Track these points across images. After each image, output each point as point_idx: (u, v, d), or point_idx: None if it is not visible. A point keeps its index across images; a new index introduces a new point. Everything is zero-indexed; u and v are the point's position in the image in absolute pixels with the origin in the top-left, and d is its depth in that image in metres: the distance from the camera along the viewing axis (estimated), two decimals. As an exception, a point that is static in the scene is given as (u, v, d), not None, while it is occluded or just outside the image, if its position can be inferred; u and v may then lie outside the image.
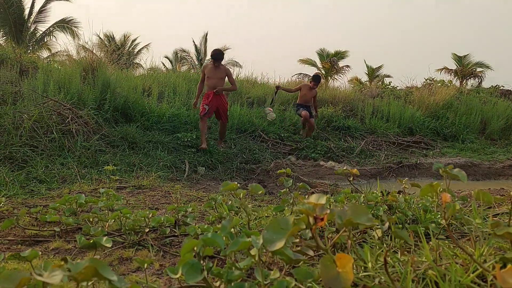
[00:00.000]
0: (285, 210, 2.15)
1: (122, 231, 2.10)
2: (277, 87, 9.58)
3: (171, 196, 3.95)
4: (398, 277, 1.11)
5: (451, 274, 1.07)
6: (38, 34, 23.22)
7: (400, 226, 1.98)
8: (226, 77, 7.46)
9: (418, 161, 8.78)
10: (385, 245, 1.43)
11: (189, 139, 7.39)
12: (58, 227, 2.18)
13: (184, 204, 3.03)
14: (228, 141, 8.32)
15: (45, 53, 21.63)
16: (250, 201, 3.66)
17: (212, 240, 1.03)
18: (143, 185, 4.58)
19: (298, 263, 1.30)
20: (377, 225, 1.38)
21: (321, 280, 1.06)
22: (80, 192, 3.62)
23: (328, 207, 2.00)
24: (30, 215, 2.49)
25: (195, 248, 1.06)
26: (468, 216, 1.60)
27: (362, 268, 1.16)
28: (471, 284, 1.04)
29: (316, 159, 8.45)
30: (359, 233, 1.81)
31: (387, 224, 1.39)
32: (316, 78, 9.54)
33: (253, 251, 1.03)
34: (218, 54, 7.35)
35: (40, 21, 23.21)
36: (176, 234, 2.08)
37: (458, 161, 8.99)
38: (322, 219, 0.84)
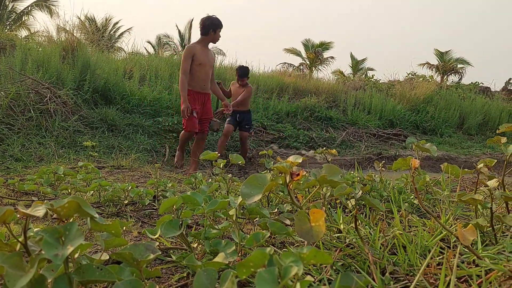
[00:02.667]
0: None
1: (100, 202, 2.11)
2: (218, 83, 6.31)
3: (151, 176, 3.95)
4: (368, 240, 1.16)
5: (418, 238, 1.13)
6: (16, 13, 22.59)
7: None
8: None
9: (397, 153, 8.94)
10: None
11: (170, 124, 7.36)
12: (35, 197, 2.18)
13: (163, 183, 3.04)
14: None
15: (23, 33, 21.08)
16: (232, 184, 3.70)
17: (191, 198, 1.06)
18: (122, 166, 4.56)
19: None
20: (351, 194, 1.43)
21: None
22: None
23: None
24: (7, 186, 2.47)
25: (174, 207, 1.09)
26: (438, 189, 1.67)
27: (336, 230, 1.20)
28: (436, 248, 1.09)
29: (298, 148, 8.53)
30: (334, 209, 1.86)
31: (360, 192, 1.44)
32: (240, 71, 6.53)
33: (231, 212, 1.06)
34: (219, 23, 4.96)
35: (17, 0, 22.57)
36: (155, 207, 2.10)
37: (436, 155, 9.20)
38: (298, 175, 0.88)
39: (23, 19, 22.59)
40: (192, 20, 28.26)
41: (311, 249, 0.61)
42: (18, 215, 0.69)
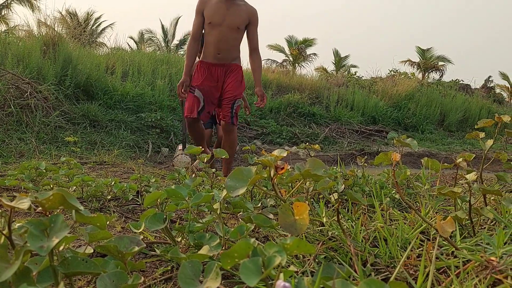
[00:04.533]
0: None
1: (83, 198, 2.09)
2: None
3: (134, 172, 3.92)
4: (351, 234, 1.18)
5: (399, 231, 1.15)
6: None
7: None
8: (247, 29, 3.69)
9: (380, 149, 9.04)
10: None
11: (153, 120, 7.32)
12: (17, 192, 2.15)
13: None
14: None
15: (2, 27, 20.61)
16: (216, 181, 3.69)
17: (175, 191, 1.07)
18: (105, 162, 4.52)
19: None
20: (334, 188, 1.45)
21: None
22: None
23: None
24: (-14, 182, 2.42)
25: (159, 201, 1.09)
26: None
27: (318, 224, 1.22)
28: (416, 240, 1.12)
29: (281, 144, 8.59)
30: (317, 204, 1.88)
31: (342, 186, 1.46)
32: None
33: (215, 205, 1.07)
34: None
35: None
36: (138, 202, 2.09)
37: (417, 150, 9.36)
38: (282, 168, 0.89)
39: (3, 13, 22.07)
40: (179, 18, 27.99)
41: (294, 239, 0.62)
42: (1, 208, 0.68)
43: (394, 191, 2.13)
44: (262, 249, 0.60)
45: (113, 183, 2.06)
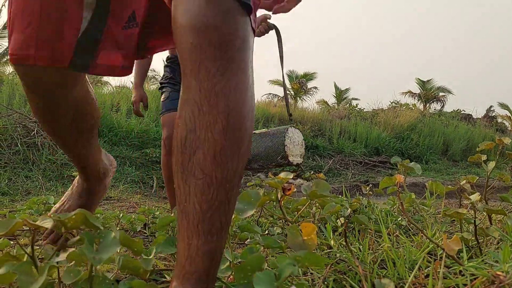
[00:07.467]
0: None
1: (92, 231, 2.11)
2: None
3: (139, 207, 3.94)
4: (359, 256, 1.20)
5: (406, 253, 1.17)
6: (1, 50, 22.63)
7: (363, 227, 2.07)
8: None
9: (383, 180, 9.00)
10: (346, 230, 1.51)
11: (157, 155, 7.37)
12: (26, 227, 2.16)
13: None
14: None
15: (9, 69, 21.07)
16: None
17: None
18: (111, 197, 4.54)
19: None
20: (341, 212, 1.47)
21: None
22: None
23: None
24: (-4, 218, 2.45)
25: (171, 224, 1.12)
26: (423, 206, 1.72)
27: (326, 248, 1.24)
28: (424, 261, 1.13)
29: (284, 176, 8.60)
30: (325, 228, 1.89)
31: (349, 210, 1.48)
32: None
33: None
34: None
35: (4, 36, 22.67)
36: (146, 234, 2.10)
37: (422, 180, 9.34)
38: (289, 189, 0.92)
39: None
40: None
41: (306, 252, 0.64)
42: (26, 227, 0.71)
43: (400, 218, 2.14)
44: (275, 261, 0.63)
45: (121, 215, 2.08)
